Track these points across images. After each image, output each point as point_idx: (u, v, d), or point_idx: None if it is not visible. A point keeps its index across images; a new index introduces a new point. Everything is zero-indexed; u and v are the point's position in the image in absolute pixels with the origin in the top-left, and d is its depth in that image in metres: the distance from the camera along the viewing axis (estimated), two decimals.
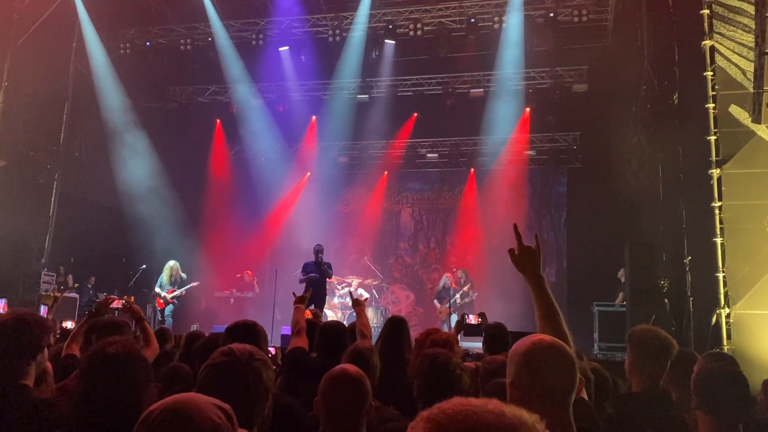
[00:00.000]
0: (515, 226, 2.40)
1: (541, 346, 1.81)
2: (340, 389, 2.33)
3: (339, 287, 13.81)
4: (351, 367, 2.48)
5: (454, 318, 11.78)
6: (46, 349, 2.75)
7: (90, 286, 12.88)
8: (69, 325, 6.06)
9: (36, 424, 2.37)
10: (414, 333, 4.19)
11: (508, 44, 13.49)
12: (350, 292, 10.81)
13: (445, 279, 13.07)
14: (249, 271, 14.18)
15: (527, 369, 1.78)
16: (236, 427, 1.38)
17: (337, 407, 2.32)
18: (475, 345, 6.94)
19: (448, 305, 12.32)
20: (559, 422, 1.72)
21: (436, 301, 13.23)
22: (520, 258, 2.28)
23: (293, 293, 5.09)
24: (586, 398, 1.97)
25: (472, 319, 6.04)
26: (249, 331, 3.03)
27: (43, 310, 8.99)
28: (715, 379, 2.61)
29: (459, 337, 5.81)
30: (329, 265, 10.39)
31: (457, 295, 12.61)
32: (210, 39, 14.31)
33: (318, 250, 10.25)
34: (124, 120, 14.02)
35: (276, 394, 2.29)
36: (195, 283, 12.04)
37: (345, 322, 7.09)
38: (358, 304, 4.88)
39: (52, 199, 12.96)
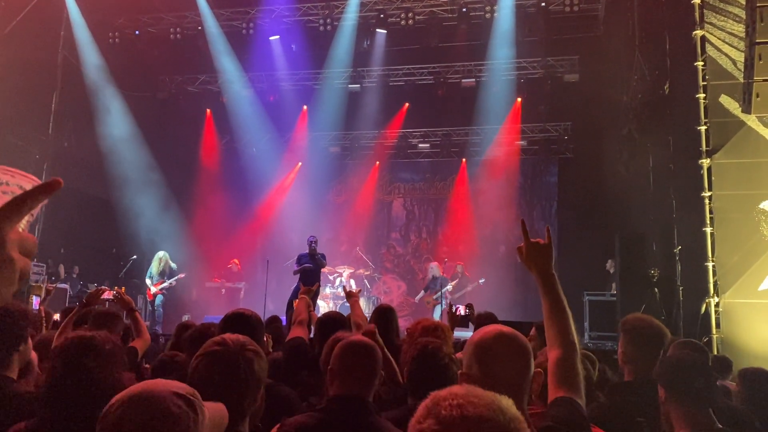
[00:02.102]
0: (523, 222, 2.23)
1: (491, 337, 1.77)
2: (356, 355, 2.39)
3: (330, 277, 13.80)
4: (364, 337, 2.56)
5: (438, 309, 11.69)
6: (30, 340, 2.73)
7: (75, 275, 12.80)
8: (56, 317, 5.94)
9: (18, 417, 2.35)
10: (406, 323, 4.21)
11: (499, 34, 13.46)
12: (344, 286, 10.87)
13: (433, 268, 12.88)
14: (236, 260, 14.14)
15: (476, 360, 1.74)
16: (200, 413, 1.36)
17: (351, 372, 2.36)
18: (464, 335, 6.95)
19: (436, 296, 12.23)
20: None
21: (422, 292, 13.14)
22: (528, 255, 2.14)
23: (301, 284, 5.12)
24: (576, 399, 1.86)
25: (461, 310, 6.04)
26: (245, 321, 3.02)
27: (35, 301, 8.94)
28: (678, 369, 2.58)
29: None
30: (323, 256, 10.40)
31: (450, 285, 12.52)
32: (200, 28, 14.21)
33: (312, 241, 10.27)
34: (114, 110, 13.91)
35: (270, 384, 2.29)
36: (182, 275, 12.00)
37: None
38: (351, 296, 4.88)
39: None
